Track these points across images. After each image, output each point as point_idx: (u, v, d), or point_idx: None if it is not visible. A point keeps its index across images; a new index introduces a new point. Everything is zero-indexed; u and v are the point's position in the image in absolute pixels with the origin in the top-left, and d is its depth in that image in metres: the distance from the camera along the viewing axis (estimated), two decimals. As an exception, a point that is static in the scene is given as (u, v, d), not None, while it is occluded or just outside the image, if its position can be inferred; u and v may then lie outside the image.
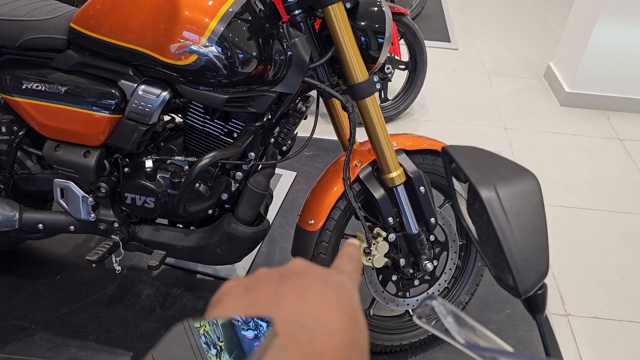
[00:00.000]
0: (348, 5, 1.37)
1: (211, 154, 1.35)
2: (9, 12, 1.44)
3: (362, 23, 1.40)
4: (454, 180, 0.65)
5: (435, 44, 3.84)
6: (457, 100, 3.26)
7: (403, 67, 2.82)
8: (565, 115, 3.22)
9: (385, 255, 1.53)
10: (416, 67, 2.84)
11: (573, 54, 3.25)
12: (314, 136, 2.32)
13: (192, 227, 1.64)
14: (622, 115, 3.24)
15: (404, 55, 2.82)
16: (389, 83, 2.78)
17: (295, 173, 2.45)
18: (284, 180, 2.39)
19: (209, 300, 1.78)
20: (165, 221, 1.65)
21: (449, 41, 3.90)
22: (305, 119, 1.56)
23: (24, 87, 1.45)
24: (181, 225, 1.65)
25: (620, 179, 2.70)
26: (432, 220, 1.55)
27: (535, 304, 0.60)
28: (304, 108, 1.50)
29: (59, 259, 1.93)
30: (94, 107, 1.42)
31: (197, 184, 1.46)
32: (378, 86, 1.40)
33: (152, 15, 1.29)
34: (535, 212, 0.57)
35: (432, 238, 1.60)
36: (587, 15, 3.12)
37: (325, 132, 2.63)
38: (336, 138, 1.68)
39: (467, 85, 3.44)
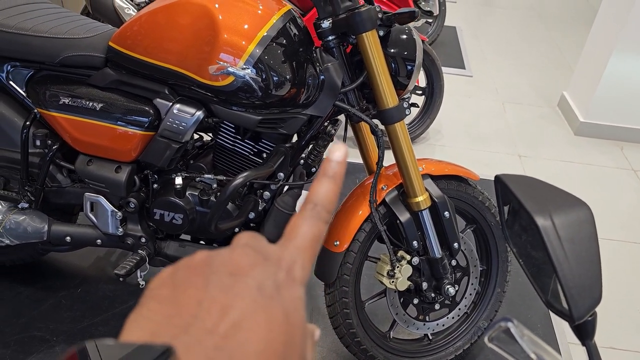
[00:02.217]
0: (381, 33, 1.42)
1: (245, 174, 1.37)
2: (50, 29, 1.48)
3: (394, 50, 1.43)
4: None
5: (450, 70, 3.89)
6: (472, 127, 3.29)
7: (420, 92, 2.86)
8: (579, 144, 3.24)
9: (409, 279, 1.55)
10: (433, 93, 2.88)
11: (587, 84, 3.28)
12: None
13: (214, 245, 1.66)
14: (636, 146, 3.26)
15: (422, 81, 2.86)
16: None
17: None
18: (303, 200, 2.41)
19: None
20: (188, 237, 1.68)
21: (464, 68, 3.95)
22: (332, 141, 1.59)
23: (60, 102, 1.49)
24: (204, 242, 1.67)
25: (634, 210, 2.71)
26: (455, 245, 1.56)
27: (585, 330, 0.62)
28: (333, 131, 1.53)
29: (80, 272, 1.95)
30: (128, 124, 1.46)
31: (225, 202, 1.48)
32: (408, 112, 1.44)
33: (191, 37, 1.33)
34: (589, 240, 0.59)
35: (453, 263, 1.62)
36: (603, 46, 3.16)
37: (343, 154, 2.66)
38: (355, 160, 1.71)
39: (481, 111, 3.47)
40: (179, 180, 1.48)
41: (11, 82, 1.53)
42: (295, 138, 1.55)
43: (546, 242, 0.59)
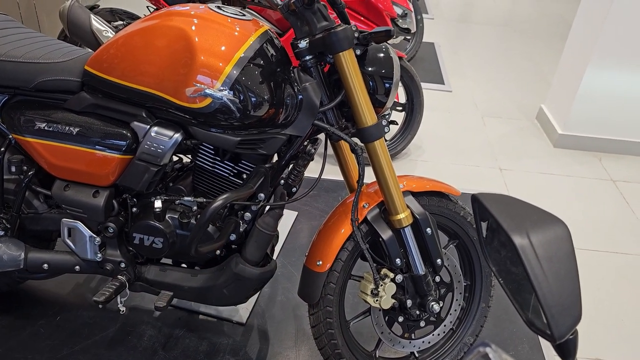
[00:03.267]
0: (358, 52, 1.42)
1: (224, 196, 1.36)
2: (25, 54, 1.47)
3: (371, 68, 1.44)
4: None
5: (430, 86, 3.93)
6: (453, 141, 3.32)
7: (400, 108, 2.88)
8: (558, 156, 3.28)
9: (393, 297, 1.54)
10: (413, 109, 2.90)
11: (564, 97, 3.34)
12: (310, 176, 2.34)
13: (196, 267, 1.63)
14: (614, 157, 3.31)
15: (401, 97, 2.88)
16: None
17: (296, 213, 2.46)
18: (285, 220, 2.40)
19: (211, 341, 1.76)
20: (169, 261, 1.65)
21: (443, 83, 3.99)
22: (312, 160, 1.58)
23: (36, 127, 1.46)
24: (185, 266, 1.65)
25: (614, 220, 2.74)
26: (439, 261, 1.56)
27: (567, 349, 0.62)
28: (312, 150, 1.53)
29: (59, 299, 1.91)
30: (106, 148, 1.44)
31: (205, 225, 1.46)
32: (387, 130, 1.44)
33: (168, 60, 1.32)
34: (567, 258, 0.59)
35: (437, 279, 1.61)
36: (578, 59, 3.22)
37: (326, 172, 2.66)
38: (335, 178, 1.71)
39: (461, 126, 3.51)
40: (158, 204, 1.46)
41: (-15, 108, 1.50)
42: (275, 158, 1.55)
43: (524, 261, 0.59)
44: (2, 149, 1.51)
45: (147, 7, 3.20)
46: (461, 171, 3.03)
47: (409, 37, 4.13)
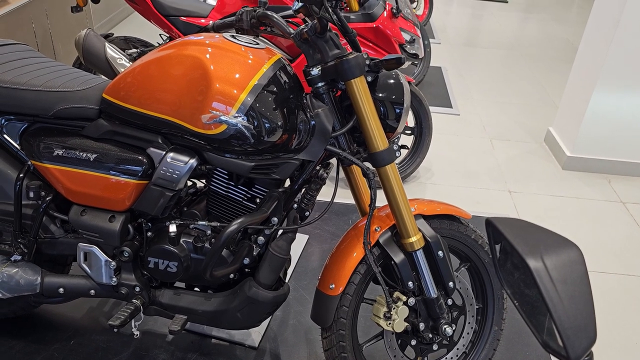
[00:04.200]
0: (369, 78, 1.46)
1: (239, 220, 1.38)
2: (44, 83, 1.51)
3: (382, 95, 1.47)
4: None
5: (438, 109, 3.97)
6: (462, 164, 3.34)
7: (409, 132, 2.91)
8: (567, 178, 3.29)
9: (405, 320, 1.54)
10: (422, 132, 2.93)
11: (572, 119, 3.36)
12: (322, 200, 2.36)
13: (209, 291, 1.65)
14: (624, 179, 3.31)
15: (410, 121, 2.91)
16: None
17: (307, 236, 2.47)
18: (296, 243, 2.41)
19: (224, 365, 1.77)
20: (182, 284, 1.67)
21: (451, 107, 4.03)
22: (324, 184, 1.60)
23: (54, 154, 1.50)
24: (198, 289, 1.66)
25: (625, 242, 2.73)
26: (451, 284, 1.57)
27: (583, 370, 0.63)
28: (325, 174, 1.55)
29: (73, 323, 1.92)
30: (122, 174, 1.47)
31: (219, 249, 1.48)
32: (398, 154, 1.46)
33: (184, 88, 1.36)
34: (581, 280, 0.60)
35: (449, 302, 1.62)
36: (585, 82, 3.25)
37: (336, 195, 2.68)
38: (345, 201, 1.72)
39: (470, 149, 3.53)
40: (173, 228, 1.48)
41: (5, 136, 1.54)
42: (287, 182, 1.57)
43: (539, 284, 0.60)
44: (21, 175, 1.55)
45: (160, 35, 3.27)
46: (471, 194, 3.04)
47: (416, 62, 4.18)
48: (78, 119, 1.50)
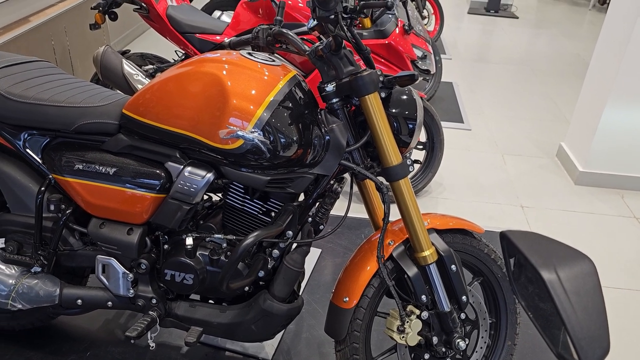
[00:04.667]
0: (383, 94, 1.48)
1: (255, 233, 1.41)
2: (66, 99, 1.55)
3: (395, 110, 1.50)
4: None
5: (449, 124, 3.99)
6: (474, 179, 3.34)
7: (421, 147, 2.93)
8: (580, 193, 3.28)
9: (419, 333, 1.55)
10: (434, 147, 2.95)
11: (584, 134, 3.36)
12: (335, 214, 2.38)
13: (223, 304, 1.67)
14: (636, 194, 3.30)
15: (422, 136, 2.93)
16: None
17: (320, 250, 2.49)
18: (309, 257, 2.43)
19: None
20: (197, 297, 1.69)
21: (462, 122, 4.05)
22: (338, 198, 1.63)
23: (75, 167, 1.54)
24: (213, 302, 1.68)
25: (638, 257, 2.72)
26: (464, 298, 1.57)
27: (597, 380, 0.64)
28: (339, 189, 1.58)
29: (89, 335, 1.95)
30: (141, 187, 1.50)
31: (235, 262, 1.50)
32: (411, 169, 1.48)
33: (202, 104, 1.40)
34: (594, 292, 0.62)
35: (463, 316, 1.62)
36: (596, 97, 3.26)
37: (344, 210, 2.70)
38: (358, 216, 1.74)
39: (482, 164, 3.54)
40: (189, 241, 1.51)
41: (27, 150, 1.59)
42: (302, 197, 1.60)
43: (553, 295, 0.62)
44: (42, 189, 1.59)
45: (176, 51, 3.33)
46: (483, 209, 3.05)
47: (428, 78, 4.21)
48: (98, 133, 1.54)
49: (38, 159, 1.59)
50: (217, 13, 3.46)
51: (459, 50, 5.86)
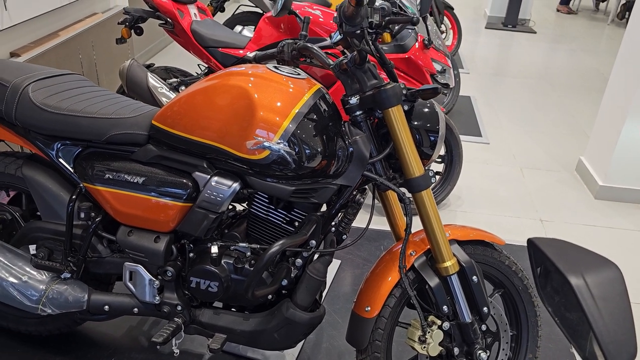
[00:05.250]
0: (406, 107, 1.51)
1: (281, 242, 1.44)
2: (98, 110, 1.61)
3: (417, 123, 1.52)
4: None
5: (468, 138, 4.00)
6: (492, 192, 3.35)
7: (440, 160, 2.95)
8: (600, 208, 3.27)
9: (440, 344, 1.56)
10: (452, 160, 2.96)
11: (604, 148, 3.35)
12: (355, 226, 2.40)
13: (245, 312, 1.69)
14: (658, 209, 3.27)
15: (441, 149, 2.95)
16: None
17: (339, 261, 2.51)
18: (329, 268, 2.45)
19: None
20: (219, 304, 1.72)
21: (481, 135, 4.06)
22: (360, 208, 1.65)
23: (105, 176, 1.58)
24: (235, 309, 1.71)
25: (662, 273, 2.69)
26: (485, 309, 1.58)
27: (624, 385, 0.65)
28: (361, 199, 1.60)
29: (113, 342, 1.98)
30: (168, 196, 1.54)
31: (259, 270, 1.53)
32: (433, 180, 1.51)
33: (230, 115, 1.44)
34: (621, 297, 0.64)
35: (484, 328, 1.63)
36: (616, 111, 3.25)
37: (364, 222, 2.72)
38: (377, 227, 1.76)
39: (500, 177, 3.54)
40: (214, 249, 1.55)
41: (60, 159, 1.64)
42: (324, 207, 1.62)
43: (580, 300, 0.64)
44: (73, 197, 1.63)
45: (198, 65, 3.40)
46: (502, 222, 3.05)
47: (446, 92, 4.23)
48: (128, 144, 1.59)
49: (70, 168, 1.64)
50: (238, 28, 3.53)
51: (477, 64, 5.88)
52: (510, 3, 7.35)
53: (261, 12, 4.33)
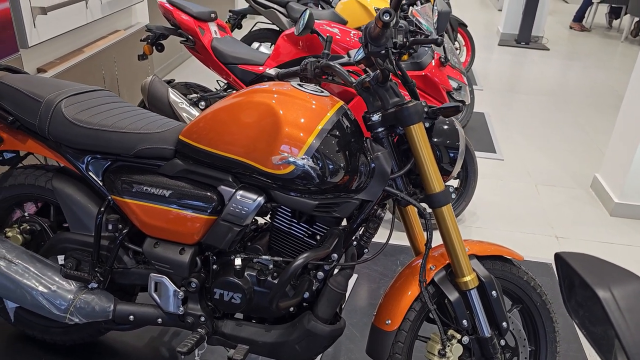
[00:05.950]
0: (427, 125, 1.55)
1: (305, 255, 1.47)
2: (128, 125, 1.66)
3: (438, 140, 1.56)
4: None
5: (482, 154, 4.02)
6: (507, 209, 3.36)
7: (455, 176, 2.98)
8: (616, 225, 3.27)
9: (459, 358, 1.58)
10: (467, 177, 2.99)
11: (620, 165, 3.36)
12: (373, 241, 2.41)
13: (265, 323, 1.72)
14: (674, 227, 3.27)
15: (457, 165, 2.98)
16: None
17: (356, 275, 2.54)
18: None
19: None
20: (240, 316, 1.75)
21: (495, 152, 4.08)
22: (380, 223, 1.68)
23: (133, 189, 1.63)
24: (255, 321, 1.74)
25: (680, 291, 2.68)
26: (504, 324, 1.60)
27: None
28: (382, 214, 1.64)
29: (135, 351, 2.02)
30: (194, 209, 1.58)
31: (281, 283, 1.56)
32: (453, 196, 1.54)
33: (256, 131, 1.48)
34: (647, 310, 0.66)
35: (502, 343, 1.65)
36: (632, 129, 3.26)
37: (382, 237, 2.74)
38: (394, 242, 1.79)
39: (515, 194, 3.55)
40: (238, 261, 1.58)
41: (90, 172, 1.69)
42: (344, 221, 1.66)
43: (608, 312, 0.66)
44: (102, 209, 1.68)
45: (217, 80, 3.47)
46: (517, 238, 3.06)
47: (461, 108, 4.27)
48: (156, 158, 1.64)
49: (99, 181, 1.69)
50: (255, 44, 3.60)
51: (490, 81, 5.92)
52: (523, 20, 7.40)
53: (277, 29, 4.41)
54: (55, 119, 1.66)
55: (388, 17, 1.31)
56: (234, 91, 3.20)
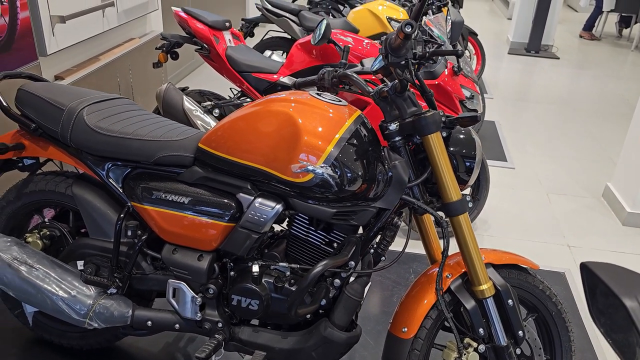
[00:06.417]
0: (444, 134, 1.56)
1: (324, 262, 1.49)
2: (148, 133, 1.69)
3: (454, 149, 1.57)
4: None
5: (493, 163, 4.03)
6: (518, 217, 3.36)
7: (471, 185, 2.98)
8: (628, 234, 3.26)
9: (475, 366, 1.58)
10: (479, 185, 2.99)
11: (632, 175, 3.35)
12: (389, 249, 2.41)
13: (281, 330, 1.73)
14: (687, 237, 3.25)
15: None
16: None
17: (369, 283, 2.54)
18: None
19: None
20: (255, 322, 1.76)
21: (506, 160, 4.08)
22: (397, 231, 1.70)
23: (153, 196, 1.66)
24: (270, 327, 1.75)
25: (694, 301, 2.67)
26: (520, 333, 1.61)
27: (676, 404, 0.69)
28: (398, 222, 1.65)
29: (150, 357, 2.03)
30: (212, 216, 1.60)
31: (298, 289, 1.57)
32: (470, 205, 1.55)
33: (276, 140, 1.50)
34: (673, 320, 0.67)
35: (518, 351, 1.65)
36: (644, 140, 3.26)
37: (395, 245, 2.75)
38: (410, 250, 1.79)
39: (526, 202, 3.55)
40: (255, 268, 1.60)
41: (110, 179, 1.72)
42: (361, 229, 1.67)
43: (635, 321, 0.68)
44: (122, 216, 1.71)
45: (231, 88, 3.50)
46: (529, 247, 3.06)
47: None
48: (175, 165, 1.66)
49: (119, 188, 1.71)
50: (267, 52, 3.63)
51: (501, 89, 5.93)
52: (533, 29, 7.41)
53: (289, 37, 4.44)
54: (77, 126, 1.69)
55: (410, 29, 1.33)
56: (248, 99, 3.23)
